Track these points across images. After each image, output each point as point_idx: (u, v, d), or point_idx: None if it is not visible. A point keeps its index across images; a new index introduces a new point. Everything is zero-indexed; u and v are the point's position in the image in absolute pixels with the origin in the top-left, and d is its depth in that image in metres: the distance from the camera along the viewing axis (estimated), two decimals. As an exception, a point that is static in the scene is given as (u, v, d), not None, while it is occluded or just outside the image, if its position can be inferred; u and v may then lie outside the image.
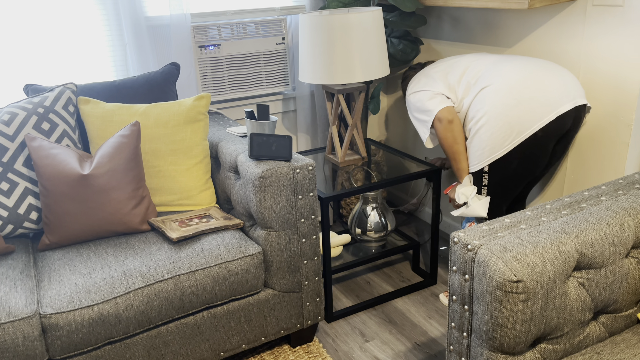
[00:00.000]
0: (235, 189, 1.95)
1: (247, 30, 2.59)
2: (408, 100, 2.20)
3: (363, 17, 2.13)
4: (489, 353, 1.24)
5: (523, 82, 1.91)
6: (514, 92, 1.91)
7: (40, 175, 1.77)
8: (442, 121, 2.07)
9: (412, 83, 2.22)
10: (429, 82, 2.15)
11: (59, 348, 1.56)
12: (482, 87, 2.00)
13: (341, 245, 2.46)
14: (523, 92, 1.90)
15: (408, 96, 2.21)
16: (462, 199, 2.06)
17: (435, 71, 2.18)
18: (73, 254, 1.76)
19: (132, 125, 1.89)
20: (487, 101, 1.96)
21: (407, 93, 2.23)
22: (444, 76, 2.14)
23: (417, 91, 2.17)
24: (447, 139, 2.08)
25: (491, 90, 1.96)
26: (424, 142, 2.19)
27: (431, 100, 2.11)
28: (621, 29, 1.88)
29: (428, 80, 2.16)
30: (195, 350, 1.80)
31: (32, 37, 2.19)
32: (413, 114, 2.19)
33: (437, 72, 2.18)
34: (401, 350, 2.07)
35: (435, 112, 2.08)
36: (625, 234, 1.31)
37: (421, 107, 2.14)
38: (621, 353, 1.29)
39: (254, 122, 1.91)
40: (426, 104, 2.11)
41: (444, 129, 2.08)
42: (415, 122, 2.20)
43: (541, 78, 1.91)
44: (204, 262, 1.74)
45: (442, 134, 2.08)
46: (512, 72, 1.96)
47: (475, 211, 2.01)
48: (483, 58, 2.11)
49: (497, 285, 1.16)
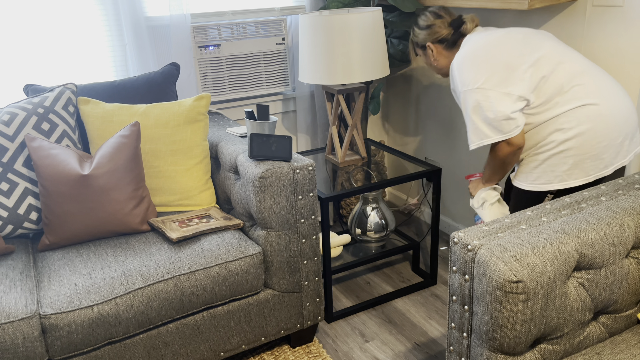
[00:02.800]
0: (235, 189, 1.95)
1: (247, 30, 2.59)
2: (465, 92, 1.73)
3: (363, 17, 2.13)
4: (489, 353, 1.24)
5: (624, 121, 1.67)
6: (617, 128, 1.66)
7: (40, 175, 1.77)
8: (512, 146, 1.71)
9: (471, 62, 1.73)
10: (509, 75, 1.68)
11: (58, 348, 1.56)
12: (586, 103, 1.66)
13: (341, 245, 2.46)
14: (622, 130, 1.68)
15: (467, 87, 1.72)
16: (480, 202, 1.93)
17: (514, 57, 1.70)
18: (73, 254, 1.76)
19: (132, 125, 1.89)
20: (587, 122, 1.65)
21: (465, 79, 1.73)
22: (528, 68, 1.69)
23: (485, 88, 1.69)
24: (506, 164, 1.77)
25: (596, 111, 1.66)
26: (470, 145, 1.80)
27: (504, 120, 1.67)
28: (621, 29, 1.88)
29: (507, 73, 1.68)
30: (195, 351, 1.80)
31: (32, 37, 2.19)
32: (470, 115, 1.74)
33: (516, 59, 1.70)
34: (401, 350, 2.07)
35: (508, 135, 1.69)
36: (625, 234, 1.31)
37: (489, 116, 1.69)
38: (621, 353, 1.29)
39: (253, 122, 1.91)
40: (495, 117, 1.68)
41: (510, 155, 1.73)
42: (469, 123, 1.76)
43: (634, 123, 1.71)
44: (204, 263, 1.74)
45: (504, 158, 1.74)
46: (615, 99, 1.68)
47: (484, 217, 1.93)
48: (568, 52, 1.74)
49: (497, 285, 1.16)
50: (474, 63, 1.72)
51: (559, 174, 1.71)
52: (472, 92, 1.71)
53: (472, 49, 1.75)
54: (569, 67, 1.69)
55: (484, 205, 1.93)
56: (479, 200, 1.94)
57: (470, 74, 1.72)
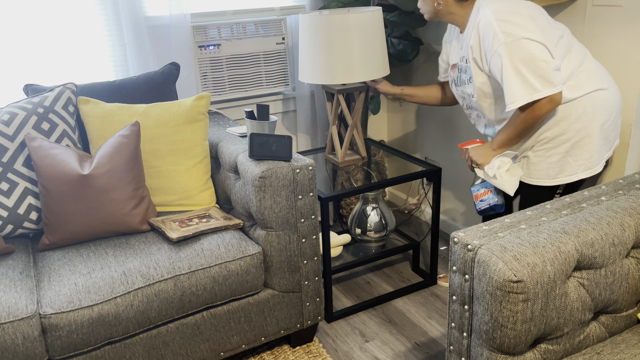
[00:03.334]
0: (235, 189, 1.95)
1: (247, 30, 2.59)
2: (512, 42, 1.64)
3: (363, 17, 2.13)
4: (489, 353, 1.24)
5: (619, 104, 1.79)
6: (620, 110, 1.79)
7: (40, 175, 1.77)
8: (553, 103, 1.65)
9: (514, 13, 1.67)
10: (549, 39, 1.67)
11: (58, 348, 1.56)
12: (599, 88, 1.71)
13: (341, 245, 2.46)
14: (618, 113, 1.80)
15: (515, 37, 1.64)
16: (493, 170, 1.82)
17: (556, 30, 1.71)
18: (73, 254, 1.76)
19: (132, 125, 1.89)
20: (602, 108, 1.71)
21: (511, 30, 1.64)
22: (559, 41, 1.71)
23: (537, 40, 1.64)
24: (535, 127, 1.72)
25: (607, 96, 1.73)
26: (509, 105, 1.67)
27: (554, 70, 1.63)
28: (621, 29, 1.88)
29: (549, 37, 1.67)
30: (195, 351, 1.80)
31: (32, 37, 2.19)
32: (518, 68, 1.64)
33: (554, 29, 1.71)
34: (401, 350, 2.07)
35: (556, 88, 1.63)
36: (625, 234, 1.31)
37: (541, 67, 1.62)
38: (621, 353, 1.29)
39: (254, 122, 1.91)
40: (548, 67, 1.62)
41: (547, 113, 1.67)
42: (514, 78, 1.65)
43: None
44: (203, 262, 1.74)
45: (540, 117, 1.67)
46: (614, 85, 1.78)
47: (504, 186, 1.81)
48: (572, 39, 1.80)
49: (497, 285, 1.16)
50: (518, 14, 1.66)
51: (582, 162, 1.74)
52: (521, 42, 1.63)
53: (508, 3, 1.70)
54: (576, 54, 1.74)
55: (498, 173, 1.81)
56: (492, 168, 1.82)
57: (516, 25, 1.64)
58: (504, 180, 1.80)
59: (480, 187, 1.95)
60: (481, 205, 1.94)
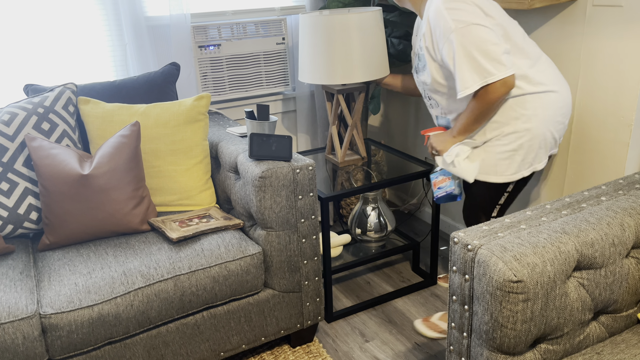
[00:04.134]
0: (235, 189, 1.95)
1: (247, 30, 2.59)
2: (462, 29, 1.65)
3: (363, 17, 2.13)
4: (489, 353, 1.24)
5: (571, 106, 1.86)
6: (568, 112, 1.83)
7: (40, 175, 1.77)
8: (507, 86, 1.66)
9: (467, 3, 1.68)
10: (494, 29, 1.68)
11: (59, 348, 1.56)
12: (550, 89, 1.76)
13: (341, 245, 2.46)
14: (567, 115, 1.85)
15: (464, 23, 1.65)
16: (451, 158, 1.82)
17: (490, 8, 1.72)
18: (73, 254, 1.76)
19: (132, 125, 1.89)
20: (552, 109, 1.75)
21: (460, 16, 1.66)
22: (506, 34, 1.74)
23: (485, 25, 1.66)
24: (491, 111, 1.71)
25: (557, 98, 1.78)
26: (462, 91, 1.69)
27: (504, 53, 1.65)
28: (621, 29, 1.88)
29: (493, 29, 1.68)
30: (195, 351, 1.80)
31: (32, 37, 2.19)
32: (471, 52, 1.65)
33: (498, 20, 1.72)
34: (401, 350, 2.07)
35: (509, 70, 1.64)
36: (625, 234, 1.31)
37: (492, 50, 1.64)
38: (621, 353, 1.29)
39: (254, 122, 1.91)
40: (499, 50, 1.64)
41: (502, 97, 1.67)
42: (467, 63, 1.66)
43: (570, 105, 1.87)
44: (204, 262, 1.74)
45: (495, 101, 1.67)
46: (565, 86, 1.82)
47: (462, 173, 1.81)
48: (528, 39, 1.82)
49: (497, 285, 1.16)
50: (464, 1, 1.68)
51: (529, 160, 1.79)
52: (471, 27, 1.65)
53: None
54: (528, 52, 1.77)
55: (456, 161, 1.81)
56: (450, 155, 1.82)
57: (464, 12, 1.66)
58: (462, 168, 1.80)
59: (439, 175, 1.94)
60: (438, 193, 1.93)
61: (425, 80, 1.90)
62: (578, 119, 2.09)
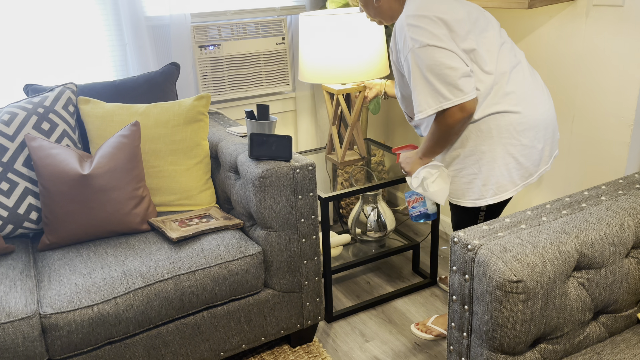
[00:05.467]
0: (235, 189, 1.95)
1: (247, 30, 2.59)
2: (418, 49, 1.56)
3: (363, 17, 2.13)
4: (489, 353, 1.24)
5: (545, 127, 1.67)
6: (538, 137, 1.66)
7: (40, 175, 1.77)
8: (465, 112, 1.57)
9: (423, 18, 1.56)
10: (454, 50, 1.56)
11: (59, 348, 1.56)
12: (508, 110, 1.62)
13: (341, 245, 2.46)
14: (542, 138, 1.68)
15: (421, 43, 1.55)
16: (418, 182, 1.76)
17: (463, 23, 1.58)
18: (73, 254, 1.76)
19: (132, 125, 1.89)
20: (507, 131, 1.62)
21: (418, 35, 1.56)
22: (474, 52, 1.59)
23: (444, 47, 1.55)
24: (452, 135, 1.62)
25: (517, 119, 1.63)
26: (418, 114, 1.61)
27: (462, 77, 1.54)
28: (621, 29, 1.88)
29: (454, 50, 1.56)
30: (195, 351, 1.80)
31: (32, 37, 2.19)
32: (425, 75, 1.57)
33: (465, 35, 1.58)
34: (401, 350, 2.07)
35: (467, 96, 1.55)
36: (625, 234, 1.31)
37: (449, 74, 1.54)
38: (621, 353, 1.29)
39: (254, 122, 1.91)
40: (455, 75, 1.54)
41: (460, 123, 1.58)
42: (421, 86, 1.58)
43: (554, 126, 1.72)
44: (204, 262, 1.74)
45: (453, 126, 1.59)
46: (538, 105, 1.65)
47: (432, 197, 1.75)
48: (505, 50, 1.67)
49: (497, 285, 1.16)
50: (428, 18, 1.56)
51: (490, 186, 1.67)
52: (427, 49, 1.55)
53: (423, 4, 1.59)
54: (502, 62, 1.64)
55: (425, 184, 1.75)
56: (418, 179, 1.75)
57: (423, 31, 1.56)
58: (431, 192, 1.75)
59: (412, 194, 1.92)
60: (413, 212, 1.91)
61: (397, 93, 1.90)
62: (578, 119, 2.09)
